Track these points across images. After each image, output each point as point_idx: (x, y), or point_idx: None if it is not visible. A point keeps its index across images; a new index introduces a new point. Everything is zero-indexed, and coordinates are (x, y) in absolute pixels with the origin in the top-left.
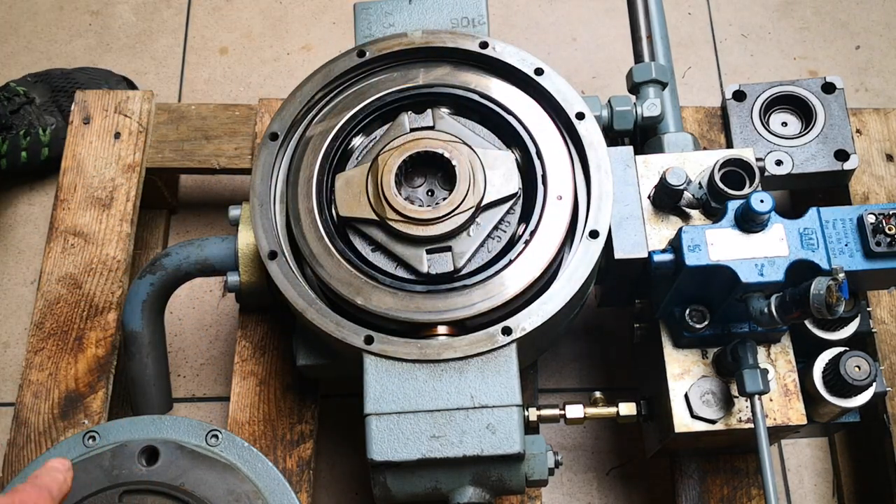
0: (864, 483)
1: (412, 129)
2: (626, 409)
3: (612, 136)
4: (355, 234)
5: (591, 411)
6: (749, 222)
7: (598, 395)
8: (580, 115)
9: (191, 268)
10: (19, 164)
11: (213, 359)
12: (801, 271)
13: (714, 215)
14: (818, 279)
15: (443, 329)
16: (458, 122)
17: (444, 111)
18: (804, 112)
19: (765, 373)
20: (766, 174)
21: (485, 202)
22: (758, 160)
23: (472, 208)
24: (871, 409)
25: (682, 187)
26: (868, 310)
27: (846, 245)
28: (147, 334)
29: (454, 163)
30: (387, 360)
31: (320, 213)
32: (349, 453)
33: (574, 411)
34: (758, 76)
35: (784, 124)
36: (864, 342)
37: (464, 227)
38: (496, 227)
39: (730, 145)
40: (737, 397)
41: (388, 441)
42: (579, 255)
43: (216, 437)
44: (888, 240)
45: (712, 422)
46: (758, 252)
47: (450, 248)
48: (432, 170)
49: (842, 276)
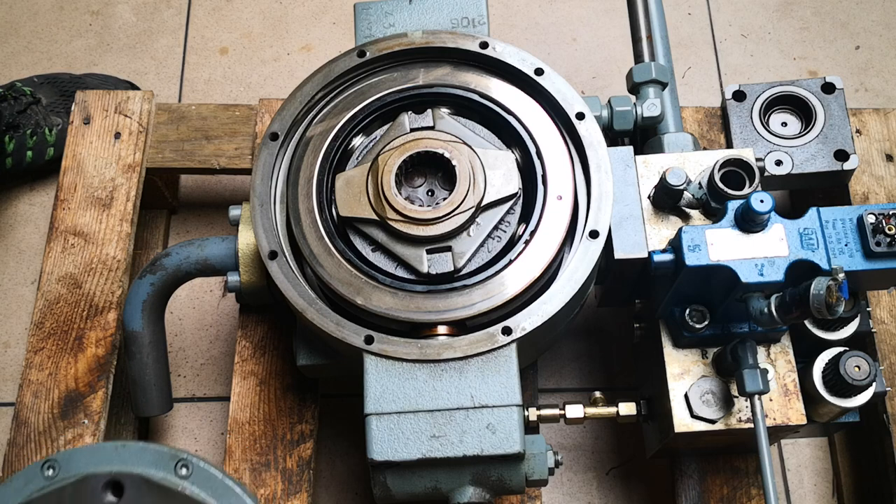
0: (863, 483)
1: (412, 129)
2: (626, 409)
3: (612, 137)
4: (355, 234)
5: (591, 411)
6: (749, 222)
7: (598, 395)
8: (580, 115)
9: (191, 268)
10: (24, 164)
11: (213, 359)
12: (801, 271)
13: (714, 215)
14: (818, 279)
15: (443, 329)
16: (459, 122)
17: (445, 111)
18: (804, 112)
19: (764, 373)
20: (765, 174)
21: (485, 202)
22: (758, 160)
23: (472, 208)
24: (871, 409)
25: (682, 187)
26: (868, 310)
27: (846, 245)
28: (147, 334)
29: (454, 163)
30: (387, 359)
31: (320, 213)
32: (349, 453)
33: (574, 411)
34: (758, 76)
35: (784, 124)
36: (863, 342)
37: (464, 227)
38: (496, 227)
39: (730, 145)
40: (737, 397)
41: (388, 441)
42: (579, 255)
43: (186, 467)
44: (888, 240)
45: (712, 422)
46: (758, 252)
47: (450, 248)
48: (432, 170)
49: (842, 276)
